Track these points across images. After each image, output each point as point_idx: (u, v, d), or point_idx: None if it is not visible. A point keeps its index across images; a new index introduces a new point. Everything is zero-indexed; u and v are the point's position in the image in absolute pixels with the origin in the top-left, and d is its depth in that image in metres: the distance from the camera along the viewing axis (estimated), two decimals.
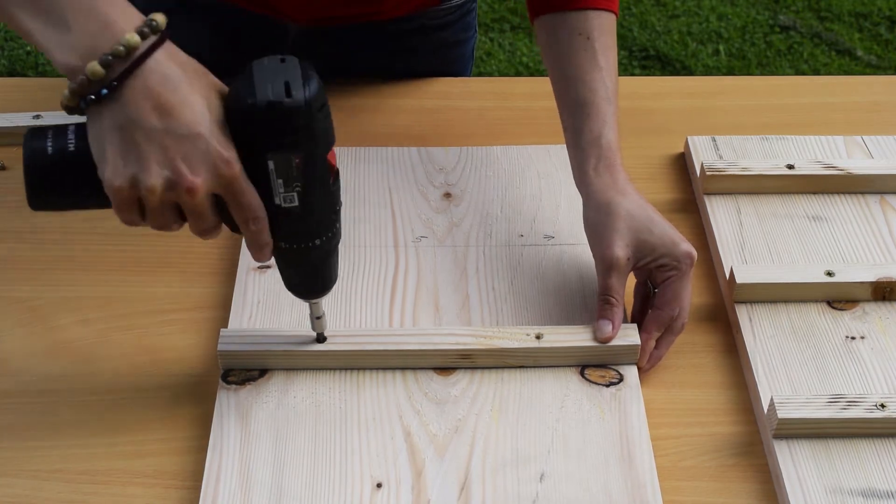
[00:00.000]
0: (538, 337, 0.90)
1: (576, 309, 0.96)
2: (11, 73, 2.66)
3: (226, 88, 0.76)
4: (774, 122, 1.20)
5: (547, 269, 0.99)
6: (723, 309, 0.98)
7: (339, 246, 1.02)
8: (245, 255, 0.99)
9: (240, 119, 0.75)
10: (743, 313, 0.96)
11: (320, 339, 0.90)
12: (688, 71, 2.74)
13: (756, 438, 0.88)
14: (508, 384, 0.90)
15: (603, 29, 1.00)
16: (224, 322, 0.94)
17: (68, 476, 0.83)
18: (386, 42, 1.22)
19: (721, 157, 1.11)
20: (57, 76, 2.64)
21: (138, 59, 0.72)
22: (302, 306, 0.95)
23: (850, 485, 0.83)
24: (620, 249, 0.91)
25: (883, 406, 0.85)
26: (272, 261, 0.98)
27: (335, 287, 0.97)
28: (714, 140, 1.14)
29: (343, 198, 1.05)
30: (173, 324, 0.95)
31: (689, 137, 1.14)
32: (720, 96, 1.24)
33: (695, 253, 0.92)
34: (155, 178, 0.73)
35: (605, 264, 0.92)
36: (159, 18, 0.74)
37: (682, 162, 1.14)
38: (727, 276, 0.98)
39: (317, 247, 0.81)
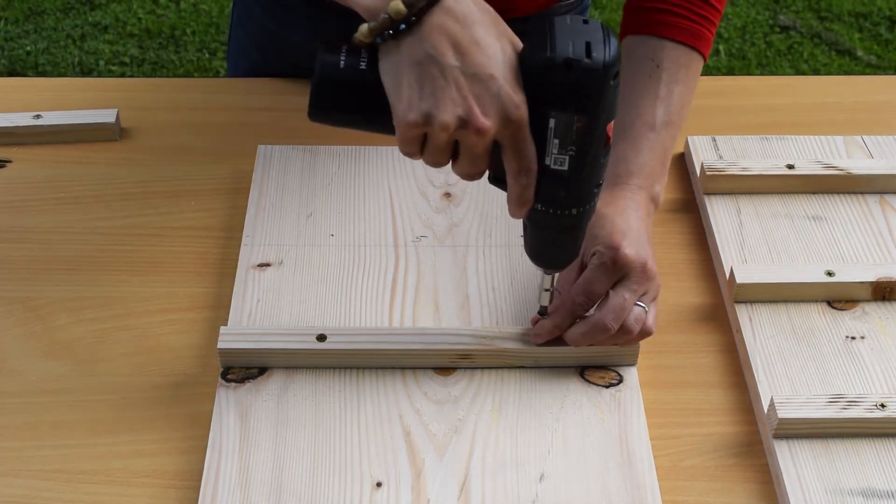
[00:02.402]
0: None
1: None
2: (11, 73, 2.66)
3: (517, 39, 0.77)
4: (774, 122, 1.20)
5: None
6: (723, 309, 0.98)
7: (341, 244, 1.02)
8: (245, 254, 0.99)
9: (532, 72, 0.75)
10: (743, 313, 0.96)
11: (542, 312, 0.89)
12: None
13: (756, 438, 0.88)
14: (508, 384, 0.90)
15: (678, 62, 0.99)
16: (224, 322, 0.94)
17: (68, 476, 0.83)
18: None
19: (721, 157, 1.11)
20: (57, 76, 2.65)
21: None
22: (301, 305, 0.95)
23: (850, 485, 0.83)
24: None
25: (883, 406, 0.85)
26: (271, 260, 0.98)
27: (334, 286, 0.97)
28: (714, 140, 1.14)
29: (343, 197, 1.06)
30: (173, 323, 0.95)
31: (689, 137, 1.14)
32: (720, 96, 1.24)
33: (633, 260, 0.87)
34: (448, 115, 0.74)
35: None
36: None
37: (682, 162, 1.14)
38: (727, 275, 0.98)
39: (571, 216, 0.80)
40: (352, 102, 0.79)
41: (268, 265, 0.98)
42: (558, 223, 0.81)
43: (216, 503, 0.80)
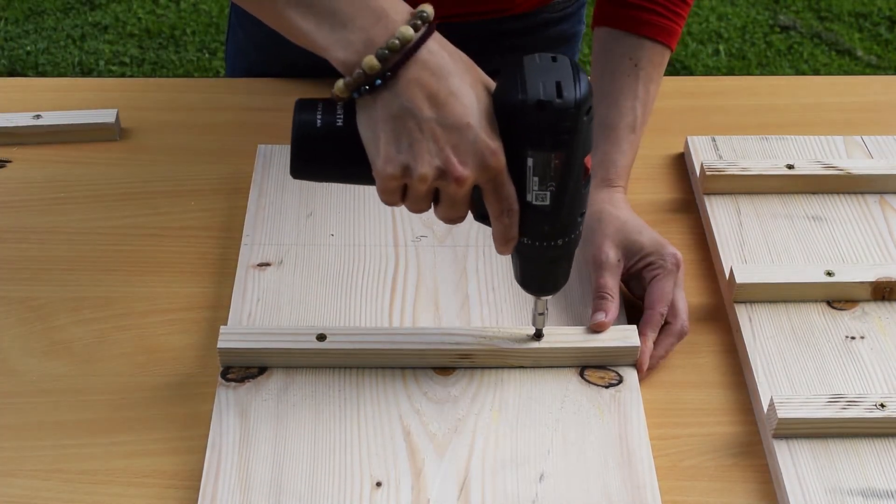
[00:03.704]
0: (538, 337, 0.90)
1: (576, 309, 0.96)
2: (11, 73, 2.66)
3: (491, 82, 0.77)
4: (774, 122, 1.20)
5: None
6: (723, 309, 0.98)
7: (341, 244, 1.02)
8: (245, 254, 0.99)
9: (506, 114, 0.76)
10: (743, 313, 0.96)
11: (538, 335, 0.90)
12: (688, 71, 2.74)
13: (756, 438, 0.88)
14: (508, 384, 0.90)
15: (653, 61, 1.03)
16: (223, 321, 0.94)
17: (68, 476, 0.83)
18: (506, 39, 1.20)
19: (721, 157, 1.11)
20: (57, 76, 2.65)
21: (411, 49, 0.74)
22: (301, 305, 0.95)
23: (849, 485, 0.83)
24: (611, 250, 0.94)
25: (883, 406, 0.85)
26: (271, 259, 0.98)
27: (334, 285, 0.97)
28: (714, 140, 1.14)
29: (343, 197, 1.06)
30: (172, 324, 0.95)
31: (688, 137, 1.14)
32: (720, 96, 1.24)
33: (680, 256, 0.94)
34: (426, 167, 0.75)
35: (597, 264, 0.94)
36: (428, 9, 0.75)
37: (681, 162, 1.14)
38: (727, 276, 0.98)
39: (558, 246, 0.81)
40: (331, 159, 0.79)
41: (268, 265, 0.98)
42: (545, 254, 0.82)
43: (216, 503, 0.80)
